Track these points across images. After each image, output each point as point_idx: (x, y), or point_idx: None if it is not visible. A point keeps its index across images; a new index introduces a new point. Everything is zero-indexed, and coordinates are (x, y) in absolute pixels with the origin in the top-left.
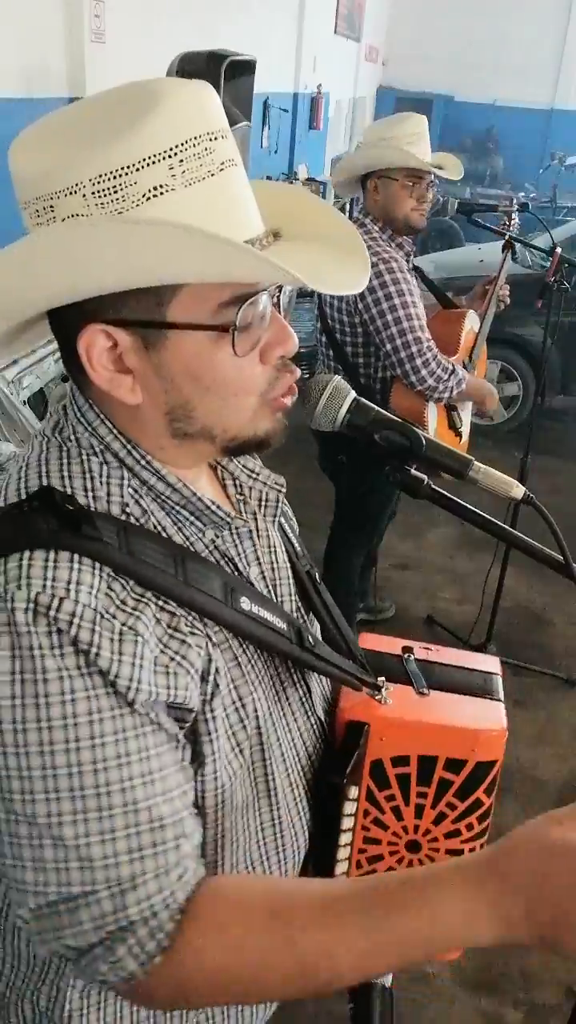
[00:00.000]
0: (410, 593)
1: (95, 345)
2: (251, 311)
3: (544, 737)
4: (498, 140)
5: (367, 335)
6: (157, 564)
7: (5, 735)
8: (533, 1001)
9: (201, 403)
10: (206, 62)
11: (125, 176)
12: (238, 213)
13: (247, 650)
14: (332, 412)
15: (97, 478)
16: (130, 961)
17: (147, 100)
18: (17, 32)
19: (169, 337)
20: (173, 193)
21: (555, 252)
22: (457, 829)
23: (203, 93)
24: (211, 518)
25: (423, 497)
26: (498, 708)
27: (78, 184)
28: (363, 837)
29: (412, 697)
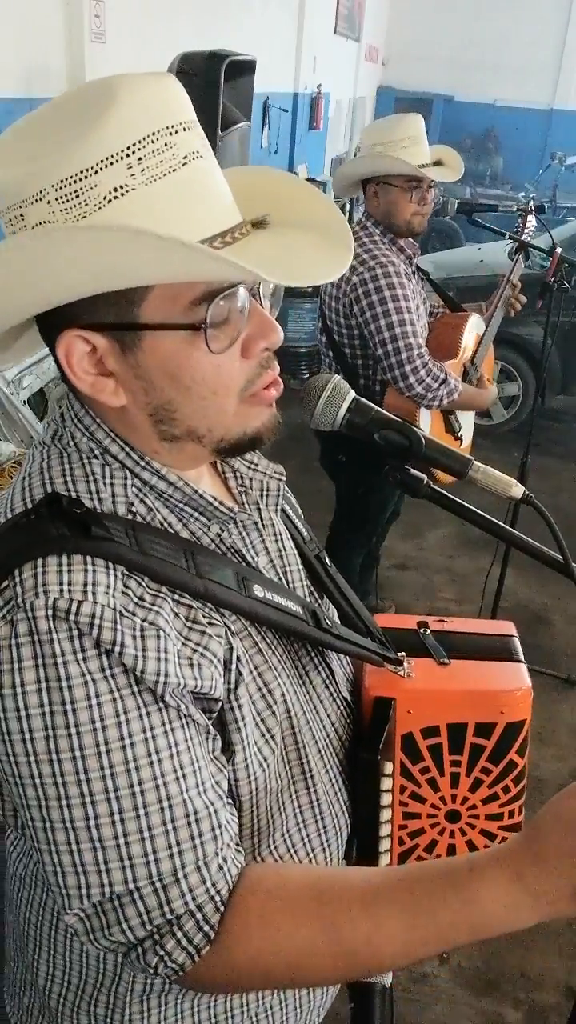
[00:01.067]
0: (410, 593)
1: (74, 351)
2: (227, 305)
3: (544, 737)
4: (498, 140)
5: (363, 338)
6: (169, 559)
7: (37, 743)
8: (533, 1001)
9: (183, 403)
10: (206, 62)
11: (85, 179)
12: (204, 207)
13: (266, 637)
14: (332, 412)
15: (101, 480)
16: (179, 953)
17: (104, 99)
18: (17, 32)
19: (144, 338)
20: (134, 192)
21: (555, 252)
22: (494, 793)
23: (163, 86)
24: (215, 514)
25: (423, 497)
26: (520, 669)
27: (42, 191)
28: (402, 813)
29: (434, 668)
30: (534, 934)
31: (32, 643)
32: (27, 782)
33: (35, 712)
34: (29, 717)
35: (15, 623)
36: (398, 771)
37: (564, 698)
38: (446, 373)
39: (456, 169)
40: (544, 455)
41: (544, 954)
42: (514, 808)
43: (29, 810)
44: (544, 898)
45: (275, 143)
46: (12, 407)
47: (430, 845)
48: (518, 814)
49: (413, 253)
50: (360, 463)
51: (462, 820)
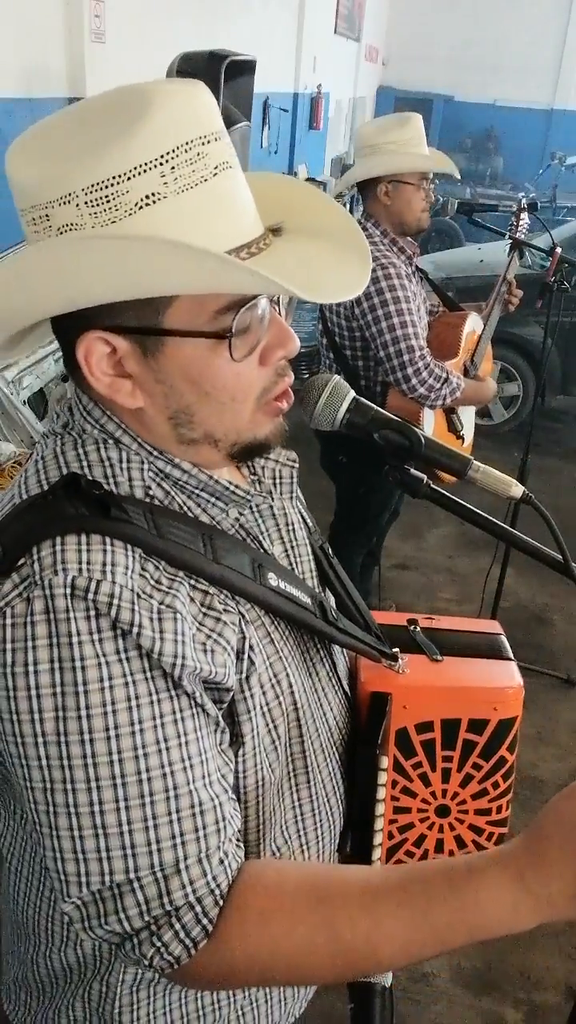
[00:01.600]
0: (410, 593)
1: (94, 352)
2: (249, 315)
3: (544, 737)
4: (498, 140)
5: (365, 340)
6: (186, 543)
7: (46, 724)
8: (533, 1001)
9: (202, 408)
10: (206, 62)
11: (117, 185)
12: (232, 218)
13: (279, 627)
14: (331, 411)
15: (117, 464)
16: (176, 946)
17: (138, 106)
18: (17, 32)
19: (167, 344)
20: (166, 201)
21: (555, 252)
22: (484, 789)
23: (196, 95)
24: (231, 498)
25: (422, 497)
26: (511, 667)
27: (71, 194)
28: (393, 807)
29: (428, 664)
30: (534, 934)
31: (48, 621)
32: (33, 763)
33: (46, 692)
34: (40, 697)
35: (31, 600)
36: (391, 766)
37: (564, 698)
38: (448, 372)
39: (448, 162)
40: (544, 455)
41: (544, 954)
42: (502, 804)
43: (32, 792)
44: (545, 900)
45: (275, 143)
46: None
47: (419, 839)
48: (505, 809)
49: (413, 253)
50: (360, 463)
51: (451, 815)
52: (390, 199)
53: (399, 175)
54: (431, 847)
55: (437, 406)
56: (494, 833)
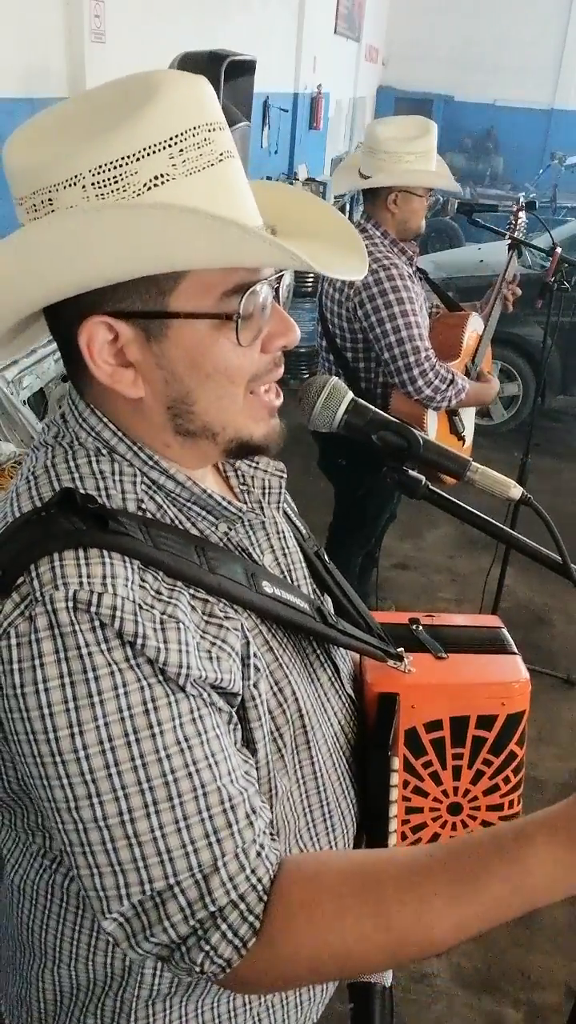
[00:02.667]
0: (410, 593)
1: (96, 338)
2: (253, 300)
3: (544, 737)
4: (498, 140)
5: (367, 341)
6: (181, 554)
7: (62, 742)
8: (533, 1001)
9: (201, 394)
10: (206, 62)
11: (126, 166)
12: (236, 203)
13: (277, 634)
14: (330, 413)
15: (110, 477)
16: (225, 947)
17: (146, 91)
18: (17, 32)
19: (171, 327)
20: (174, 182)
21: (555, 252)
22: (495, 784)
23: (200, 85)
24: (223, 513)
25: (421, 498)
26: (516, 660)
27: (78, 176)
28: (405, 807)
29: (433, 662)
30: (534, 934)
31: (53, 637)
32: (55, 783)
33: (59, 709)
34: (53, 715)
35: (34, 618)
36: (401, 766)
37: (564, 698)
38: (453, 373)
39: (449, 175)
40: (544, 455)
41: (544, 954)
42: (513, 798)
43: (58, 812)
44: None
45: (275, 143)
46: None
47: (432, 839)
48: (517, 804)
49: (413, 254)
50: (359, 465)
51: (464, 812)
52: (397, 207)
53: (408, 187)
54: None
55: (442, 408)
56: None
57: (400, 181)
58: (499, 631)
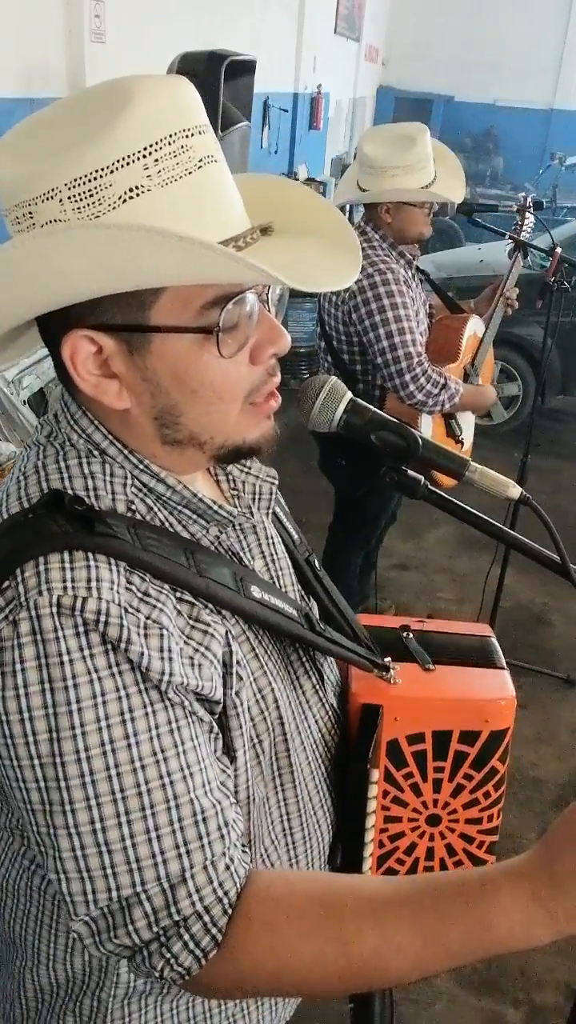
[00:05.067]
0: (410, 593)
1: (79, 351)
2: (237, 311)
3: (544, 737)
4: (498, 140)
5: (362, 344)
6: (170, 557)
7: (40, 746)
8: (533, 1001)
9: (188, 407)
10: (206, 62)
11: (100, 179)
12: (218, 211)
13: (262, 640)
14: (329, 413)
15: (100, 478)
16: (186, 956)
17: (119, 99)
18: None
19: (153, 341)
20: (150, 194)
21: (555, 252)
22: (475, 799)
23: (178, 89)
24: (214, 517)
25: (420, 498)
26: (503, 676)
27: (54, 189)
28: (383, 817)
29: (420, 674)
30: None
31: (35, 643)
32: (31, 786)
33: (39, 714)
34: (32, 719)
35: (17, 623)
36: (382, 777)
37: (564, 698)
38: (446, 378)
39: (458, 179)
40: (544, 455)
41: (544, 954)
42: (493, 813)
43: (33, 815)
44: (562, 917)
45: (275, 143)
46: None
47: (409, 848)
48: (497, 818)
49: (413, 256)
50: (359, 466)
51: (442, 824)
52: (391, 217)
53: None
54: (421, 855)
55: (435, 412)
56: (484, 841)
57: (385, 198)
58: (489, 641)
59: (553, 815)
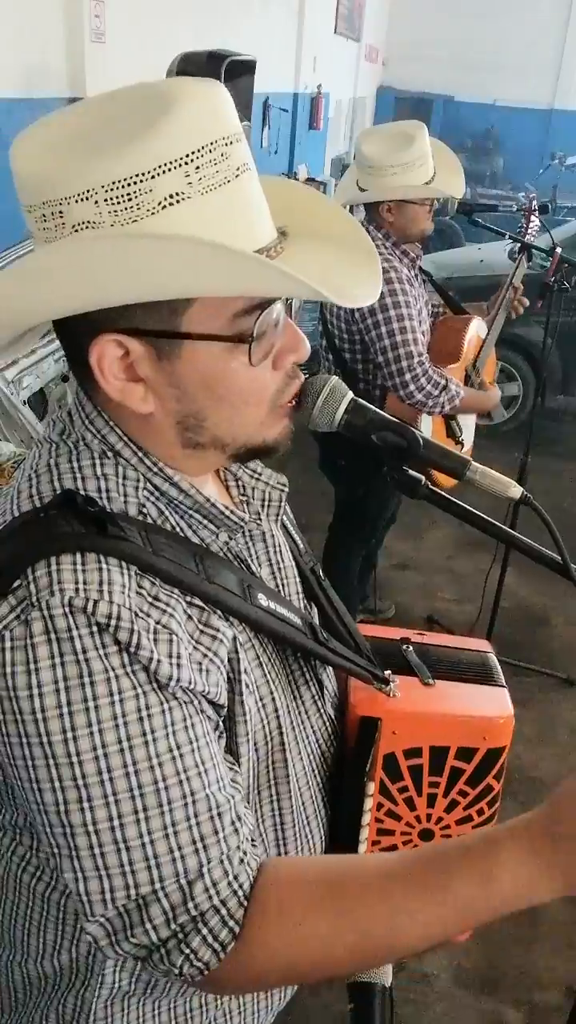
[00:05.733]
0: (410, 593)
1: (107, 355)
2: (266, 319)
3: (544, 737)
4: (498, 140)
5: (364, 343)
6: (180, 562)
7: (55, 747)
8: (533, 1001)
9: (214, 412)
10: (206, 62)
11: (140, 183)
12: (252, 221)
13: (266, 649)
14: (329, 412)
15: (113, 479)
16: (205, 951)
17: (160, 103)
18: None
19: (184, 347)
20: (189, 201)
21: (555, 252)
22: (469, 815)
23: (217, 95)
24: (225, 522)
25: (421, 497)
26: (502, 694)
27: (90, 191)
28: (376, 829)
29: (419, 688)
30: (534, 934)
31: (49, 642)
32: (45, 786)
33: (53, 714)
34: (47, 720)
35: (30, 622)
36: (377, 790)
37: (564, 698)
38: (447, 379)
39: (457, 176)
40: (544, 455)
41: (545, 954)
42: None
43: (46, 815)
44: (556, 871)
45: (275, 143)
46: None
47: None
48: None
49: (417, 256)
50: (359, 466)
51: (435, 839)
52: (393, 216)
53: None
54: None
55: (435, 413)
56: None
57: (387, 196)
58: (488, 657)
59: None
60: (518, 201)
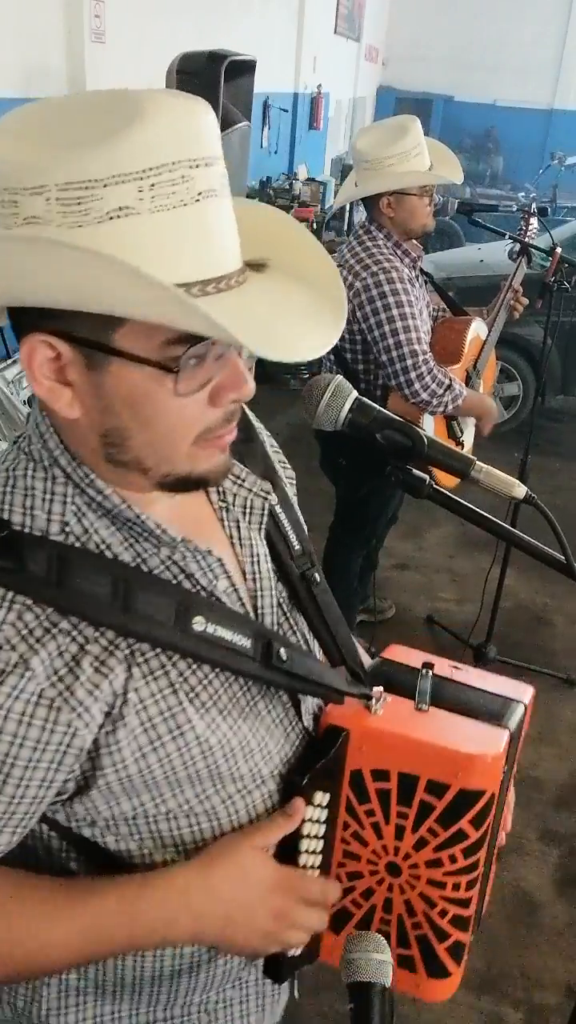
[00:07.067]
0: (410, 593)
1: (37, 354)
2: (202, 350)
3: (544, 737)
4: (498, 140)
5: (366, 343)
6: (89, 590)
7: None
8: (533, 1001)
9: (137, 433)
10: (206, 62)
11: (93, 189)
12: (207, 248)
13: (197, 672)
14: (334, 411)
15: (39, 495)
16: None
17: (131, 112)
18: (17, 32)
19: (113, 362)
20: (138, 217)
21: (555, 252)
22: (439, 859)
23: (194, 113)
24: (160, 540)
25: (424, 497)
26: (498, 735)
27: (44, 187)
28: (343, 851)
29: (407, 711)
30: (534, 934)
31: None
32: None
33: None
34: None
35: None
36: (343, 806)
37: (564, 698)
38: (451, 379)
39: (453, 165)
40: (544, 455)
41: (544, 954)
42: (460, 881)
43: None
44: (199, 924)
45: (275, 143)
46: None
47: (367, 892)
48: (465, 889)
49: (418, 256)
50: (360, 466)
51: (403, 875)
52: (393, 211)
53: (401, 188)
54: (379, 904)
55: (438, 412)
56: (448, 910)
57: (384, 186)
58: (511, 704)
59: (553, 815)
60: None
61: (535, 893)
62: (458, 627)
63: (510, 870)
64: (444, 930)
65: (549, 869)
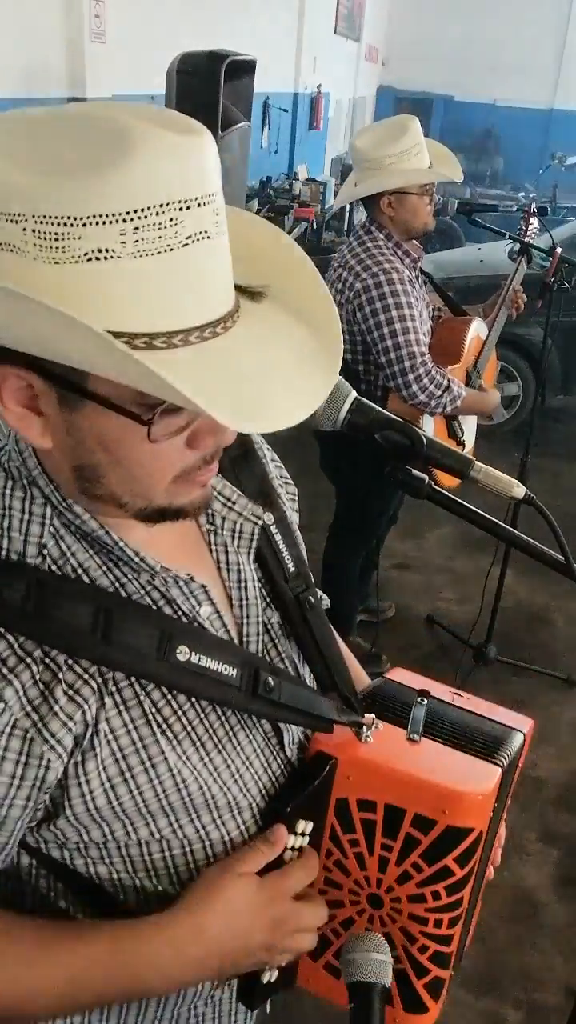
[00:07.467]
0: (410, 593)
1: (7, 381)
2: (171, 403)
3: (544, 737)
4: (498, 140)
5: (365, 343)
6: (69, 620)
7: None
8: (533, 1001)
9: (111, 471)
10: (206, 62)
11: (71, 227)
12: (190, 295)
13: (172, 702)
14: (333, 411)
15: (17, 515)
16: None
17: (120, 143)
18: (17, 32)
19: (87, 404)
20: (118, 260)
21: (555, 252)
22: (422, 894)
23: (192, 148)
24: (139, 566)
25: (424, 497)
26: (490, 771)
27: (20, 215)
28: (324, 878)
29: (399, 742)
30: (534, 934)
31: None
32: None
33: None
34: None
35: None
36: (327, 834)
37: (564, 698)
38: (449, 380)
39: (453, 164)
40: (544, 455)
41: (544, 954)
42: (443, 919)
43: None
44: (196, 964)
45: (275, 143)
46: None
47: (346, 922)
48: (446, 926)
49: (418, 256)
50: (359, 466)
51: (385, 908)
52: (394, 210)
53: (401, 187)
54: None
55: (437, 413)
56: (429, 947)
57: (384, 185)
58: (510, 735)
59: (553, 815)
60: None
61: (535, 893)
62: (458, 627)
63: (510, 870)
64: (424, 966)
65: (549, 869)
